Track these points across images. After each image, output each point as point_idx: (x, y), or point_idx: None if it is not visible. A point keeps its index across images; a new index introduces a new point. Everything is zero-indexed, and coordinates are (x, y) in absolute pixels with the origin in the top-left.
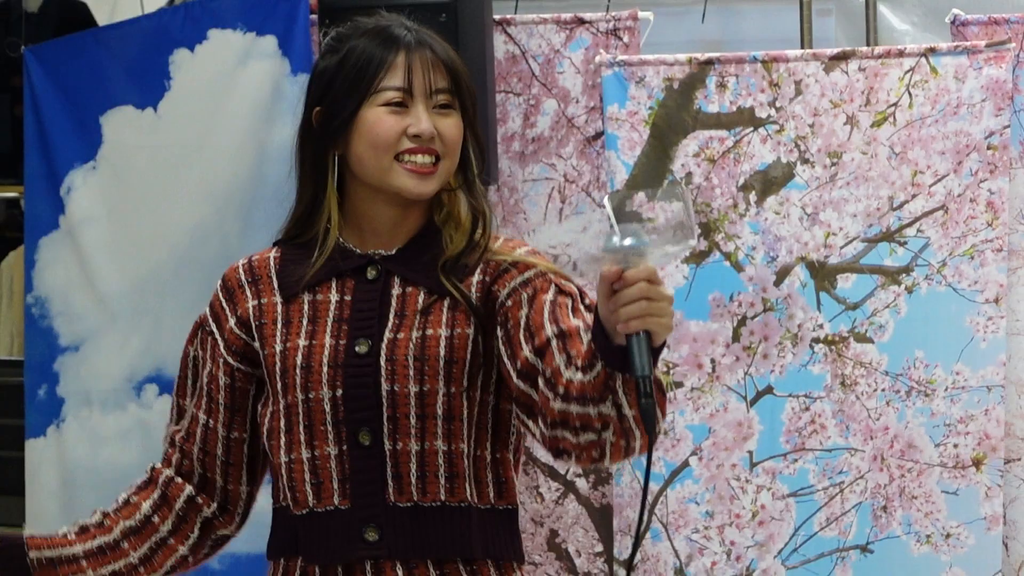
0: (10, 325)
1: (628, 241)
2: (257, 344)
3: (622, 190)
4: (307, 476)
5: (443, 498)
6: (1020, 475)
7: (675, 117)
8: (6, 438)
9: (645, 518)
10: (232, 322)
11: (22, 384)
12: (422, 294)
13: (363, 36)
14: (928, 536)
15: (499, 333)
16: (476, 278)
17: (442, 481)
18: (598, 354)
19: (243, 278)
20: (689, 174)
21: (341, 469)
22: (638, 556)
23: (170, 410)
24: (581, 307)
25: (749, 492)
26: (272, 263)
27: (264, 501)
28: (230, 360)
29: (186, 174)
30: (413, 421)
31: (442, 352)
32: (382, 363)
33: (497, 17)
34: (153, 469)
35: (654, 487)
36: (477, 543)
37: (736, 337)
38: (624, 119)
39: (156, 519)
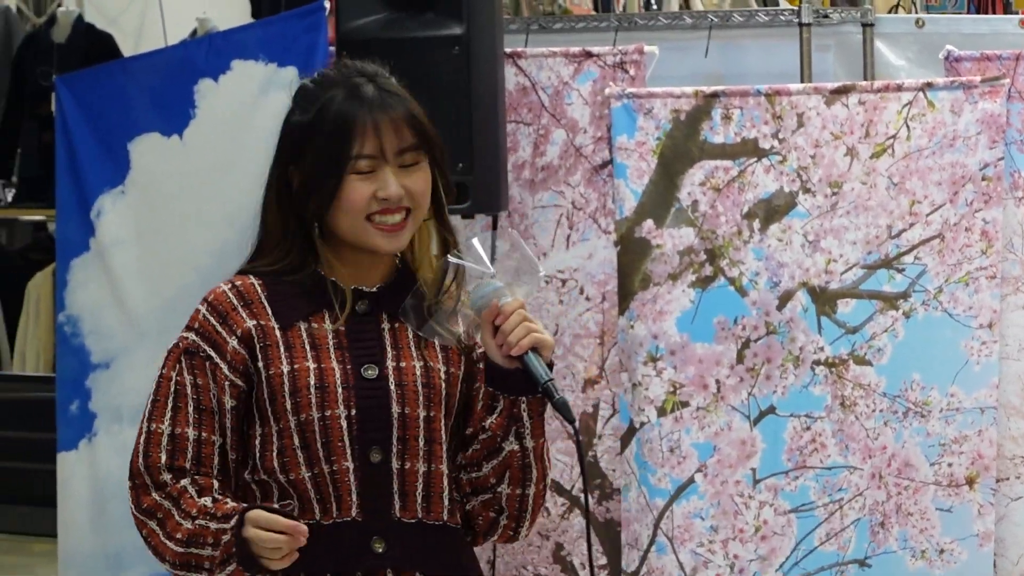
0: (37, 343)
1: (490, 287)
2: (260, 364)
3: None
4: (330, 489)
5: (445, 518)
6: (1009, 494)
7: (682, 147)
8: (38, 451)
9: (650, 533)
10: (233, 343)
11: (52, 399)
12: (410, 331)
13: (331, 98)
14: (923, 551)
15: (470, 387)
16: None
17: (445, 503)
18: (497, 392)
19: (234, 301)
20: (695, 202)
21: (356, 483)
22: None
23: (149, 442)
24: None
25: (752, 508)
26: (259, 289)
27: None
28: (237, 381)
29: (210, 198)
30: (421, 443)
31: (442, 385)
32: (392, 387)
33: (508, 50)
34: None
35: (659, 503)
36: (468, 563)
37: (740, 359)
38: (632, 149)
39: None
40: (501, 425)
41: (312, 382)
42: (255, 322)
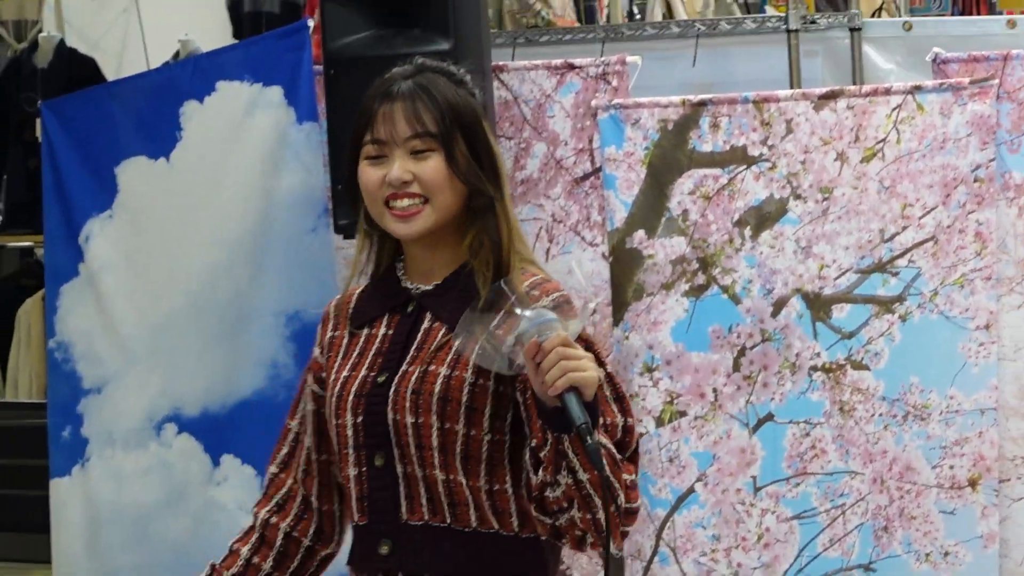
0: (28, 369)
1: (536, 318)
2: (324, 373)
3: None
4: (346, 493)
5: (449, 521)
6: (1010, 495)
7: (670, 157)
8: (30, 478)
9: (652, 544)
10: (316, 352)
11: (44, 426)
12: (443, 330)
13: (368, 95)
14: (927, 555)
15: (519, 397)
16: None
17: (446, 507)
18: (545, 426)
19: (331, 312)
20: (685, 211)
21: (360, 488)
22: None
23: (279, 437)
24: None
25: (754, 515)
26: (354, 299)
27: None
28: (316, 388)
29: (198, 221)
30: (413, 450)
31: (437, 389)
32: (390, 393)
33: (492, 64)
34: (255, 514)
35: (660, 513)
36: (484, 566)
37: (736, 367)
38: (621, 159)
39: (257, 559)
40: (552, 460)
41: (336, 391)
42: (334, 332)
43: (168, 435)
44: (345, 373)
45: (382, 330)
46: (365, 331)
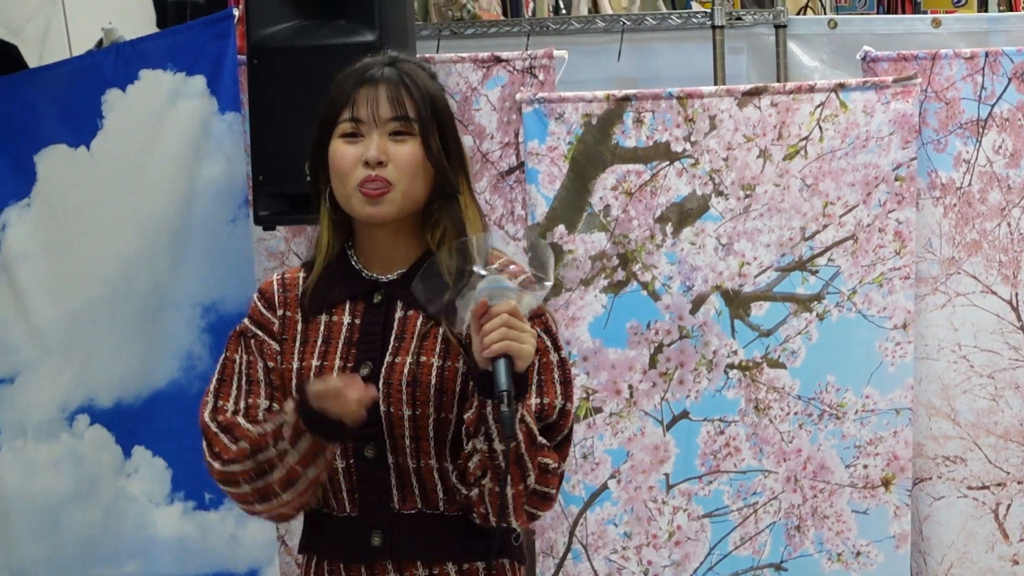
0: None
1: (492, 281)
2: (276, 346)
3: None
4: (329, 486)
5: (442, 509)
6: (932, 494)
7: (593, 152)
8: None
9: (565, 540)
10: (276, 324)
11: None
12: (420, 318)
13: (345, 74)
14: (839, 554)
15: (464, 369)
16: None
17: (440, 494)
18: (474, 388)
19: (276, 290)
20: (607, 207)
21: (350, 480)
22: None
23: (210, 416)
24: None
25: (666, 513)
26: (300, 282)
27: (189, 530)
28: (269, 341)
29: (118, 210)
30: (408, 442)
31: (433, 380)
32: (380, 387)
33: (418, 56)
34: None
35: (574, 510)
36: (473, 548)
37: (653, 364)
38: (544, 154)
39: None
40: (472, 423)
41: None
42: (284, 312)
43: (80, 426)
44: (315, 362)
45: (346, 318)
46: (324, 318)
